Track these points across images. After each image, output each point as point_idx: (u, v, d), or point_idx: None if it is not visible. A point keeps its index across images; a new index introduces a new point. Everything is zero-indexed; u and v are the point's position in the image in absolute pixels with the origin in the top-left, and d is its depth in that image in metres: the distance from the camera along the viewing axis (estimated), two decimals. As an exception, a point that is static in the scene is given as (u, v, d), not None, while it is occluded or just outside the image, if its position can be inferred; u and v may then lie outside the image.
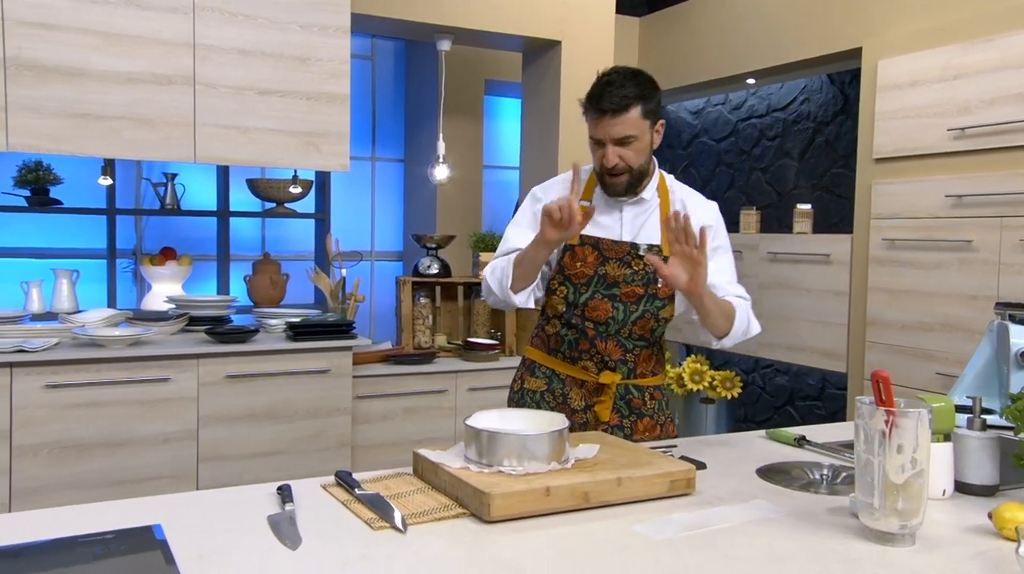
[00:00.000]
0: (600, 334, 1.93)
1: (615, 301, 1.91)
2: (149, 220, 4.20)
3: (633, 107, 1.78)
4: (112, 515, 1.33)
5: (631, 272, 1.91)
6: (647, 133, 1.84)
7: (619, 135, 1.80)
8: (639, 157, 1.84)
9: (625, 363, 1.94)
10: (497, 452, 1.44)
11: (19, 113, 2.75)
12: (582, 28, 3.88)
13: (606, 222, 1.93)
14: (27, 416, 2.72)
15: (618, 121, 1.78)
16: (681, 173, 5.46)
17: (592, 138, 1.85)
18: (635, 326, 1.92)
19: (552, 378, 2.00)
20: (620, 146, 1.81)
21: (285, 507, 1.36)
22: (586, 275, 1.91)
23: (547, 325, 2.02)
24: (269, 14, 3.12)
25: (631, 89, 1.78)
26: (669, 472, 1.46)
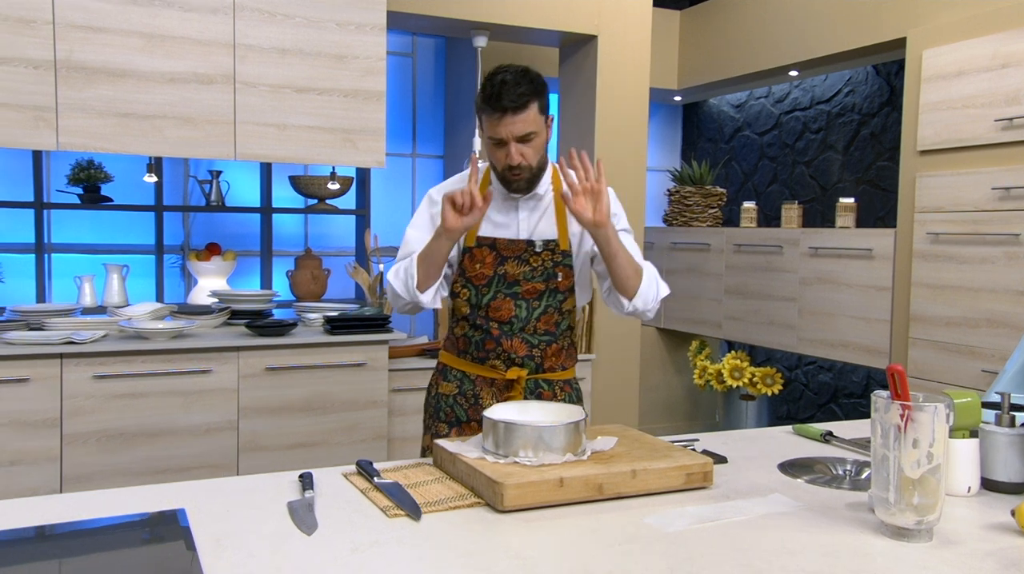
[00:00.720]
0: (505, 333, 1.93)
1: (517, 299, 1.92)
2: (196, 217, 4.30)
3: (531, 104, 1.80)
4: (142, 499, 1.38)
5: (530, 269, 1.92)
6: (543, 129, 1.87)
7: (521, 133, 1.80)
8: (538, 154, 1.86)
9: (532, 359, 1.95)
10: (513, 443, 1.45)
11: (68, 113, 2.85)
12: (618, 22, 3.86)
13: (502, 221, 1.94)
14: (76, 405, 2.82)
15: (518, 119, 1.79)
16: (723, 167, 5.41)
17: (492, 138, 1.83)
18: (539, 322, 1.94)
19: (463, 380, 1.99)
20: (522, 143, 1.82)
21: (305, 494, 1.40)
22: (486, 276, 1.93)
23: (455, 327, 2.04)
24: (307, 13, 3.18)
25: (526, 87, 1.79)
26: (685, 465, 1.46)
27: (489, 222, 1.94)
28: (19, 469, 2.75)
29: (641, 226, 4.02)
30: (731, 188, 5.36)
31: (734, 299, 4.51)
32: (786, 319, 4.16)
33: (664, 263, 5.06)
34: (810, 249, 4.04)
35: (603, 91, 3.86)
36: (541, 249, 1.91)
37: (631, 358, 4.05)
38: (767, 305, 4.28)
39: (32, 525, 1.23)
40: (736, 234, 4.53)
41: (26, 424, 2.75)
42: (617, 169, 3.92)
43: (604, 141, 3.88)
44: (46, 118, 2.81)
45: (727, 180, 5.42)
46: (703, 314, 4.75)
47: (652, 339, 5.21)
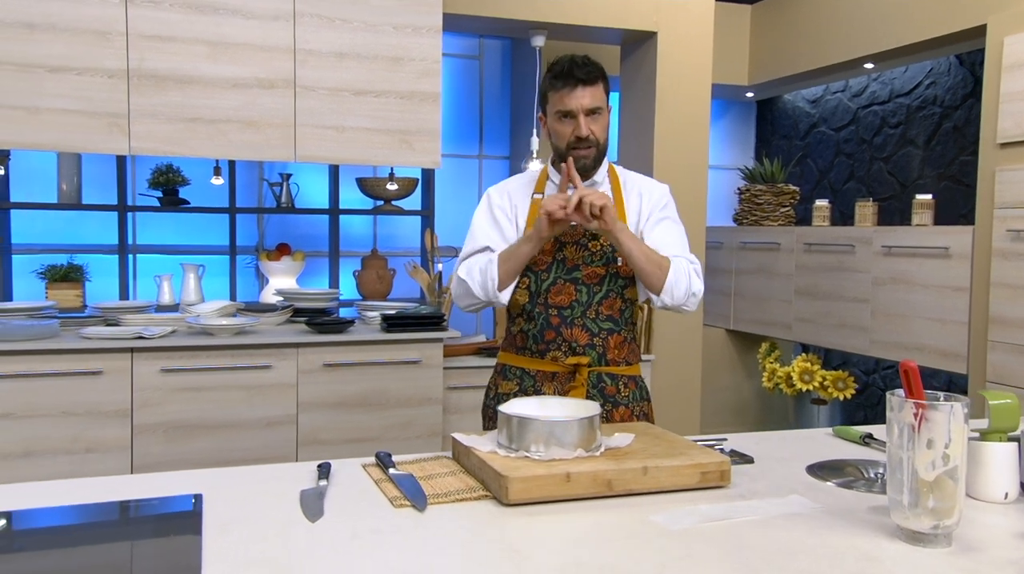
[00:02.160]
0: (565, 321, 1.91)
1: (578, 284, 1.92)
2: (271, 218, 4.46)
3: (600, 80, 1.88)
4: (169, 484, 1.44)
5: (589, 254, 1.92)
6: (607, 111, 1.93)
7: (591, 105, 1.86)
8: (604, 132, 1.92)
9: (594, 348, 1.92)
10: (525, 437, 1.45)
11: (139, 119, 3.00)
12: (679, 18, 3.80)
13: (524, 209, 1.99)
14: (145, 397, 2.96)
15: (589, 91, 1.85)
16: (797, 165, 5.25)
17: (560, 111, 1.88)
18: (601, 306, 1.92)
19: (523, 377, 1.97)
20: (591, 117, 1.87)
21: (319, 483, 1.43)
22: (545, 262, 1.93)
23: (512, 325, 2.02)
24: (364, 17, 3.25)
25: (594, 65, 1.88)
26: (700, 463, 1.42)
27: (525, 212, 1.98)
28: (93, 457, 2.90)
29: (702, 226, 3.94)
30: (805, 186, 5.20)
31: (804, 300, 4.37)
32: (858, 321, 4.00)
33: (733, 263, 4.94)
34: (883, 248, 3.88)
35: (663, 89, 3.80)
36: (595, 235, 1.90)
37: (692, 359, 3.97)
38: (838, 306, 4.13)
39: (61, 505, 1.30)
40: (807, 233, 4.39)
41: (100, 414, 2.90)
42: (678, 167, 3.86)
43: (664, 139, 3.82)
44: (119, 124, 2.97)
45: (801, 178, 5.26)
46: (773, 315, 4.62)
47: (721, 340, 5.09)
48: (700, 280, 1.92)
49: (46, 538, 1.18)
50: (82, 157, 3.83)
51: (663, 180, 3.91)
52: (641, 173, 2.14)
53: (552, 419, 1.46)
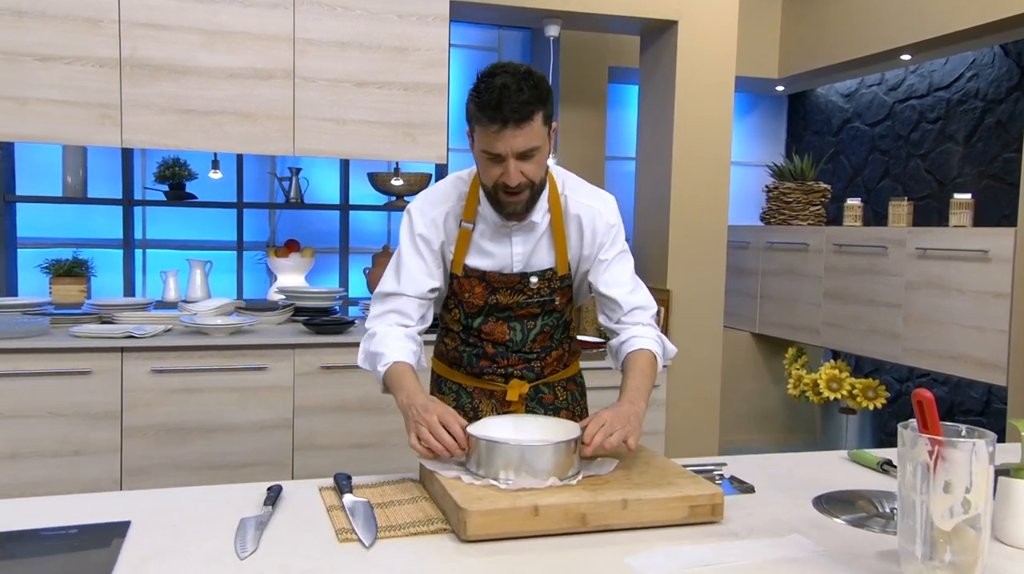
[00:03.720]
0: (499, 351, 1.77)
1: (511, 322, 1.74)
2: (282, 214, 4.36)
3: (536, 114, 1.52)
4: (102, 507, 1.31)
5: (525, 298, 1.73)
6: (547, 142, 1.58)
7: (522, 148, 1.53)
8: (540, 170, 1.60)
9: (531, 370, 1.80)
10: (493, 463, 1.30)
11: (132, 110, 2.90)
12: (701, 6, 3.60)
13: (492, 250, 1.70)
14: (135, 398, 2.86)
15: (521, 132, 1.51)
16: (829, 161, 5.01)
17: (486, 152, 1.55)
18: (535, 343, 1.77)
19: (460, 392, 1.83)
20: (522, 160, 1.54)
21: (264, 509, 1.29)
22: (476, 305, 1.73)
23: (446, 337, 1.85)
24: (367, 5, 3.11)
25: (530, 93, 1.50)
26: (688, 495, 1.26)
27: (479, 251, 1.70)
28: (82, 459, 2.81)
29: (723, 225, 3.75)
30: (838, 184, 4.96)
31: (833, 304, 4.15)
32: (890, 327, 3.78)
33: (760, 264, 4.73)
34: (918, 250, 3.65)
35: (683, 81, 3.61)
36: (537, 282, 1.71)
37: (711, 363, 3.78)
38: (869, 311, 3.91)
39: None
40: (837, 233, 4.17)
41: (88, 415, 2.81)
42: (698, 163, 3.67)
43: (684, 134, 3.63)
44: (111, 115, 2.87)
45: (833, 175, 5.02)
46: (800, 319, 4.40)
47: (745, 344, 4.89)
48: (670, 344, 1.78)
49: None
50: (88, 150, 3.76)
51: (682, 177, 3.77)
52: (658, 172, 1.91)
53: (523, 443, 1.30)
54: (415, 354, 1.70)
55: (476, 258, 1.71)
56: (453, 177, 1.77)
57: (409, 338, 1.70)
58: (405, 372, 1.61)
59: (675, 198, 3.65)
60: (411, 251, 1.71)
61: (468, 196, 1.71)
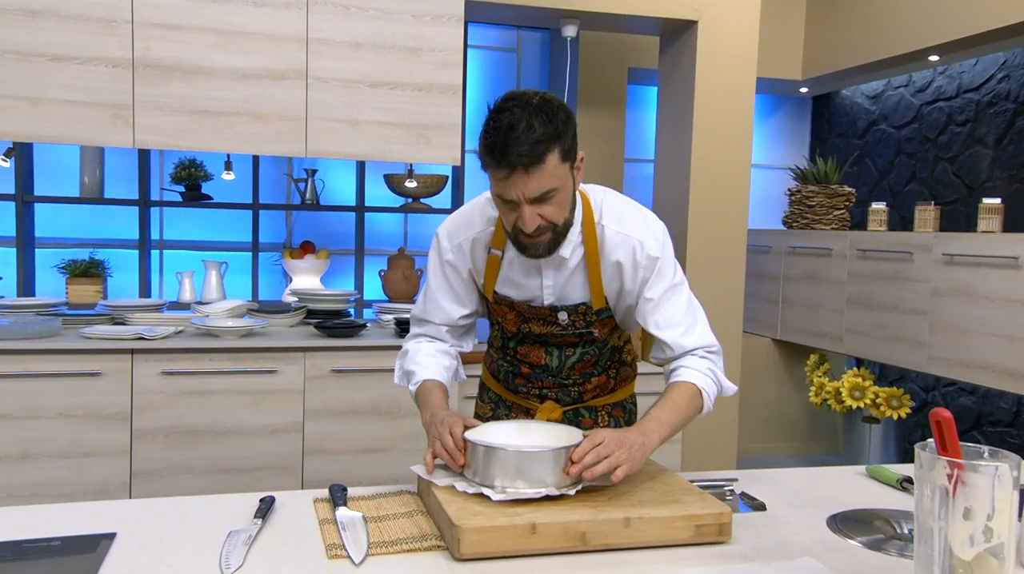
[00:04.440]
0: (536, 373, 1.66)
1: (548, 347, 1.63)
2: (298, 215, 4.34)
3: (549, 154, 1.34)
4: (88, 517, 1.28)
5: (559, 329, 1.60)
6: (568, 179, 1.41)
7: (536, 193, 1.36)
8: (563, 211, 1.43)
9: (568, 394, 1.68)
10: (487, 469, 1.25)
11: (144, 111, 2.89)
12: (721, 5, 3.53)
13: (521, 281, 1.57)
14: (145, 401, 2.85)
15: (533, 176, 1.34)
16: (853, 164, 4.91)
17: (499, 197, 1.40)
18: (573, 370, 1.65)
19: (499, 404, 1.76)
20: (539, 204, 1.38)
21: (253, 521, 1.25)
22: (511, 331, 1.65)
23: (491, 348, 1.77)
24: (382, 5, 3.08)
25: (541, 129, 1.33)
26: (694, 514, 1.20)
27: (507, 280, 1.58)
28: (91, 461, 2.80)
29: (743, 229, 3.67)
30: (863, 188, 4.86)
31: (857, 310, 4.06)
32: (915, 335, 3.68)
33: (781, 269, 4.64)
34: (944, 256, 3.55)
35: (703, 82, 3.54)
36: (567, 317, 1.57)
37: (730, 370, 3.69)
38: (894, 318, 3.81)
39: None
40: (861, 238, 4.07)
41: (98, 417, 2.80)
42: (717, 166, 3.60)
43: (703, 136, 3.56)
44: (123, 116, 2.86)
45: (858, 179, 4.92)
46: (822, 326, 4.31)
47: (766, 351, 4.80)
48: (722, 364, 1.59)
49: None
50: (105, 150, 3.77)
51: (701, 180, 3.70)
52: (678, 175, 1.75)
53: (519, 449, 1.25)
54: (447, 370, 1.64)
55: (505, 287, 1.59)
56: (483, 199, 1.61)
57: (442, 354, 1.65)
58: (432, 389, 1.57)
59: (694, 201, 3.58)
60: (439, 278, 1.63)
61: (497, 222, 1.56)
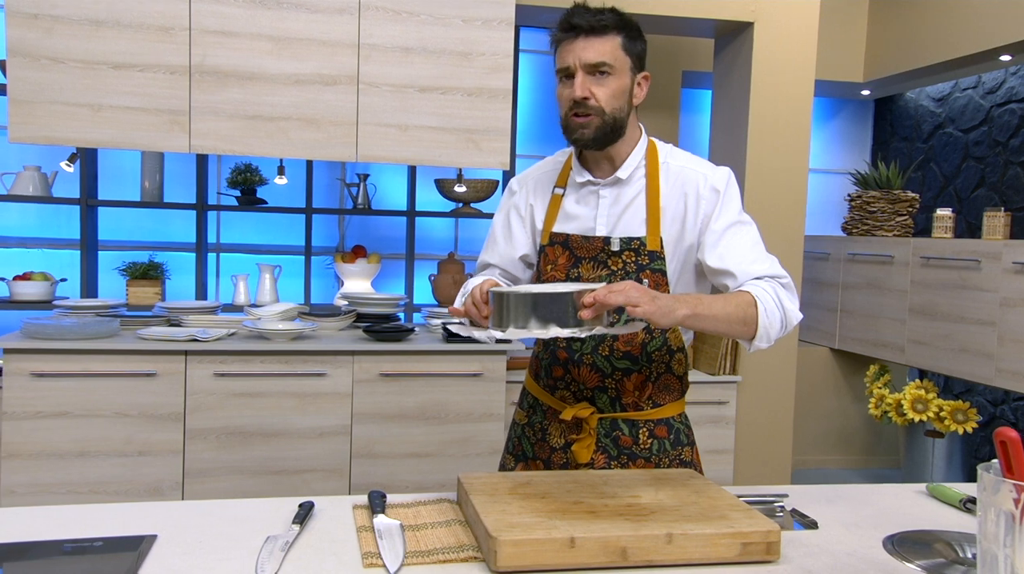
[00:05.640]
0: (572, 357, 1.58)
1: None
2: (351, 219, 4.39)
3: (610, 32, 1.48)
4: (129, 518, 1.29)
5: (609, 274, 1.55)
6: (627, 74, 1.51)
7: (591, 60, 1.47)
8: (614, 99, 1.50)
9: (605, 392, 1.58)
10: (506, 314, 1.29)
11: (200, 117, 2.94)
12: (778, 6, 3.44)
13: (579, 212, 1.59)
14: (198, 401, 2.89)
15: (591, 43, 1.47)
16: (918, 169, 4.75)
17: (560, 71, 1.53)
18: (616, 341, 1.56)
19: (535, 409, 1.68)
20: (592, 76, 1.49)
21: (291, 527, 1.25)
22: (558, 280, 1.60)
23: (535, 343, 1.73)
24: (432, 10, 3.08)
25: (609, 15, 1.49)
26: (741, 532, 1.15)
27: (565, 215, 1.61)
28: (145, 460, 2.86)
29: (800, 235, 3.57)
30: (928, 193, 4.70)
31: (920, 320, 3.91)
32: (982, 346, 3.53)
33: (840, 276, 4.51)
34: (1015, 265, 3.40)
35: (758, 84, 3.46)
36: (620, 248, 1.54)
37: (785, 380, 3.60)
38: (960, 329, 3.66)
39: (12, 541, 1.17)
40: (925, 245, 3.93)
41: (152, 417, 2.85)
42: (774, 170, 3.51)
43: (759, 140, 3.48)
44: (180, 121, 2.91)
45: (923, 184, 4.76)
46: (884, 336, 4.17)
47: (824, 361, 4.66)
48: (793, 296, 1.49)
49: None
50: (164, 156, 3.85)
51: (757, 184, 3.61)
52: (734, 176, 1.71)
53: (531, 291, 1.29)
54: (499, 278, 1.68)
55: (562, 223, 1.62)
56: (553, 155, 1.74)
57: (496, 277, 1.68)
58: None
59: (749, 206, 3.48)
60: (502, 220, 1.71)
61: (564, 165, 1.66)
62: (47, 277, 3.62)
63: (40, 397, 2.75)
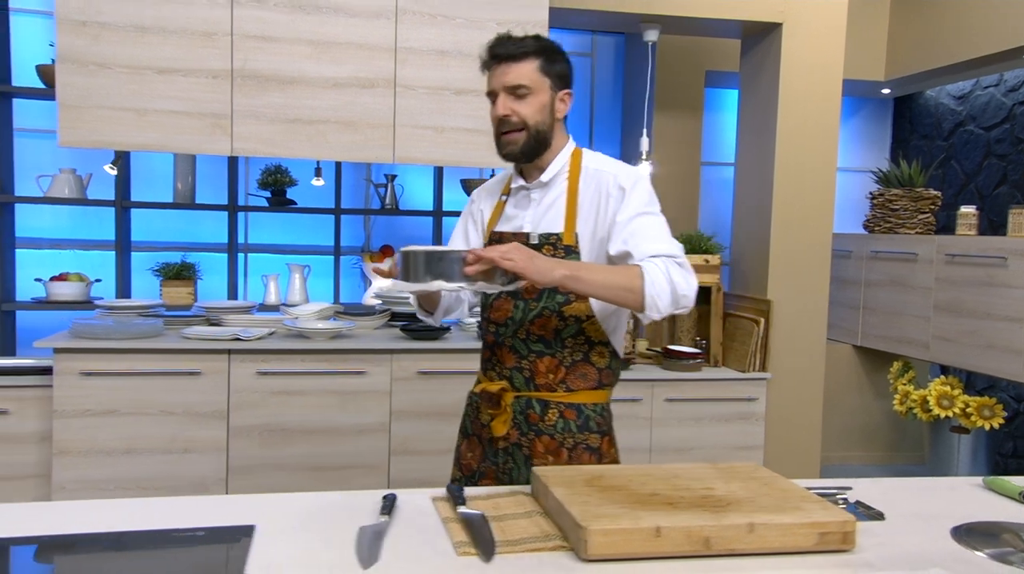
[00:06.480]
0: (498, 340, 1.77)
1: (517, 298, 1.74)
2: (377, 219, 4.44)
3: (529, 58, 1.67)
4: (223, 509, 1.34)
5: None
6: (546, 92, 1.69)
7: (511, 83, 1.67)
8: (535, 114, 1.68)
9: (521, 372, 1.74)
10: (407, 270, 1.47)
11: (242, 120, 2.99)
12: (807, 6, 3.48)
13: (514, 214, 1.79)
14: (241, 399, 2.95)
15: (511, 69, 1.67)
16: (939, 167, 4.78)
17: (488, 94, 1.73)
18: (533, 325, 1.72)
19: (473, 396, 1.89)
20: (512, 96, 1.67)
21: (380, 518, 1.30)
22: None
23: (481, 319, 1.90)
24: (468, 14, 3.13)
25: (530, 42, 1.69)
26: (819, 522, 1.20)
27: (505, 217, 1.81)
28: (191, 457, 2.91)
29: (828, 233, 3.62)
30: (948, 191, 4.73)
31: (945, 317, 3.95)
32: (1010, 343, 3.57)
33: (863, 274, 4.55)
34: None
35: (787, 85, 3.50)
36: (539, 242, 1.70)
37: (814, 378, 3.65)
38: (986, 325, 3.70)
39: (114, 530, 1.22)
40: (949, 243, 3.97)
41: (197, 415, 2.91)
42: (802, 170, 3.55)
43: (787, 140, 3.52)
44: (222, 125, 2.97)
45: (943, 182, 4.79)
46: (907, 332, 4.21)
47: (847, 357, 4.70)
48: (687, 273, 1.59)
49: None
50: (196, 157, 3.91)
51: (785, 184, 3.65)
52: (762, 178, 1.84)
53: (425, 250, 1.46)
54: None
55: (502, 224, 1.81)
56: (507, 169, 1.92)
57: None
58: None
59: (777, 206, 3.54)
60: (460, 224, 1.93)
61: (510, 177, 1.84)
62: (82, 278, 3.68)
63: (89, 395, 2.81)
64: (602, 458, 1.74)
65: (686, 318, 3.69)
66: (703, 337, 3.64)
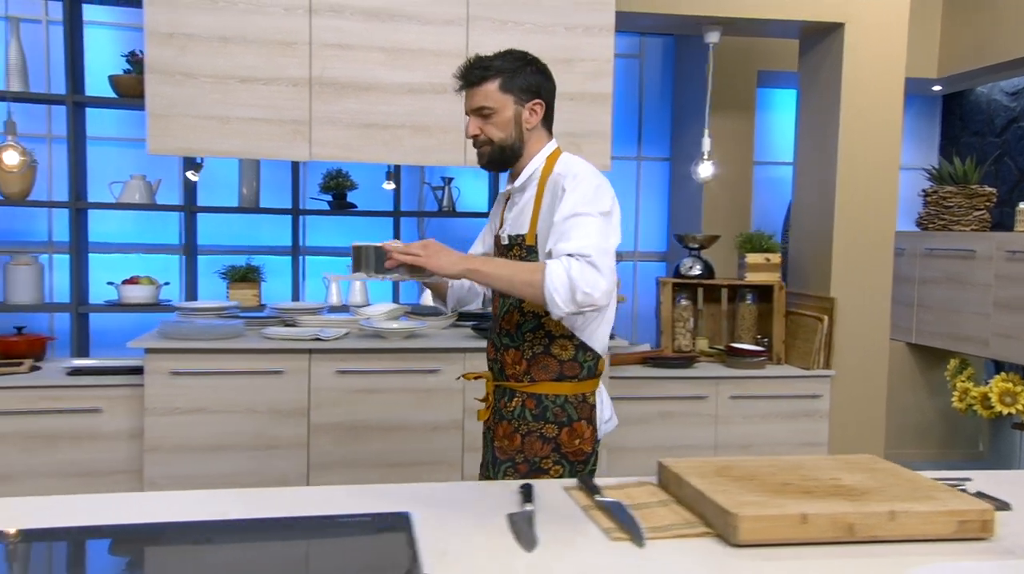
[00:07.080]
0: (489, 335, 1.95)
1: (502, 296, 1.88)
2: (431, 221, 4.52)
3: (490, 81, 1.79)
4: (370, 498, 1.41)
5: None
6: (510, 107, 1.80)
7: (475, 106, 1.81)
8: (500, 131, 1.81)
9: (496, 363, 1.90)
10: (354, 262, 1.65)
11: (320, 126, 3.07)
12: (870, 6, 3.51)
13: (506, 216, 1.92)
14: (321, 398, 3.03)
15: (474, 92, 1.81)
16: (992, 164, 4.78)
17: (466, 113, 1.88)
18: (503, 320, 1.86)
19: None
20: (479, 117, 1.81)
21: (524, 507, 1.36)
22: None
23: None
24: (536, 19, 3.19)
25: (494, 63, 1.80)
26: (958, 510, 1.25)
27: (503, 218, 1.95)
28: (275, 453, 3.00)
29: (891, 232, 3.64)
30: (1003, 187, 4.73)
31: (1005, 314, 3.96)
32: (1072, 338, 3.58)
33: (916, 271, 4.56)
34: (1106, 257, 3.44)
35: (850, 84, 3.53)
36: (509, 243, 1.85)
37: (877, 376, 3.67)
38: (1047, 321, 3.71)
39: (278, 515, 1.29)
40: (1009, 239, 3.97)
41: (280, 413, 2.99)
42: (865, 169, 3.58)
43: (850, 139, 3.55)
44: (301, 131, 3.05)
45: (997, 178, 4.79)
46: (965, 330, 4.22)
47: (901, 355, 4.71)
48: (596, 273, 1.60)
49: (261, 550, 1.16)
50: (260, 163, 4.00)
51: (848, 183, 3.67)
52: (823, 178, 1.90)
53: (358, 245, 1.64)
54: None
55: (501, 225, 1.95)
56: None
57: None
58: None
59: (840, 204, 3.57)
60: (487, 223, 2.09)
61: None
62: (152, 281, 3.78)
63: (178, 394, 2.90)
64: (561, 448, 1.79)
65: (747, 316, 3.73)
66: (765, 334, 3.68)
